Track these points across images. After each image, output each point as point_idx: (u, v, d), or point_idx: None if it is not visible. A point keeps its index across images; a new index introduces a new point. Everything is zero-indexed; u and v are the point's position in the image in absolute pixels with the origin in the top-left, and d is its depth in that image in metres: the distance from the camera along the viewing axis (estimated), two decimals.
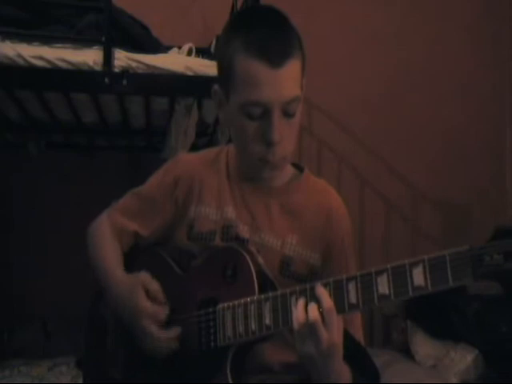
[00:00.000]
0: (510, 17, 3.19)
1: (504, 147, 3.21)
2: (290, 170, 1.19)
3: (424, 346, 2.58)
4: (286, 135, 1.03)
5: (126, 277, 1.13)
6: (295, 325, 0.91)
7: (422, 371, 2.46)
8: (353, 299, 0.89)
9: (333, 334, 0.89)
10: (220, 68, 1.08)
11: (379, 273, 0.87)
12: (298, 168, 1.21)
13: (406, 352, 2.63)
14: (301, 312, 0.90)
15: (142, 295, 1.07)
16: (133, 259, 1.21)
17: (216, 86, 1.10)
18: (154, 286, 1.08)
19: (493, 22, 3.18)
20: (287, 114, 1.02)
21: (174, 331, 1.06)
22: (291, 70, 1.00)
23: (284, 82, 0.99)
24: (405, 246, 2.98)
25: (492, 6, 3.18)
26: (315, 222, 1.13)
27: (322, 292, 0.90)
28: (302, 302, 0.91)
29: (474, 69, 3.13)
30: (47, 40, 1.83)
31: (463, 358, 2.42)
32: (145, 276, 1.10)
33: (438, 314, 2.56)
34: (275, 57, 0.98)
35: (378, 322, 2.86)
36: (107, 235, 1.22)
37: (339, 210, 1.17)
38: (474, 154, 3.14)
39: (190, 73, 1.89)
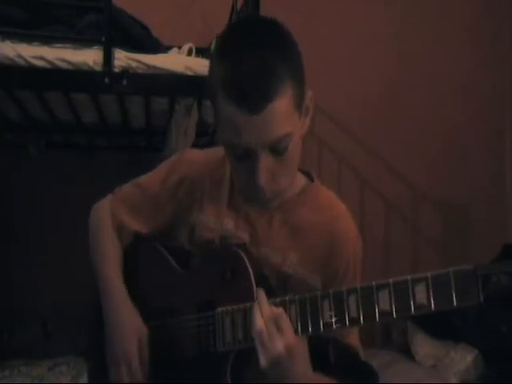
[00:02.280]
0: (510, 17, 3.19)
1: (504, 147, 3.21)
2: (299, 180, 1.12)
3: (424, 346, 2.58)
4: (278, 172, 0.96)
5: (130, 312, 1.12)
6: (259, 328, 0.91)
7: (422, 371, 2.46)
8: (353, 313, 0.88)
9: (275, 344, 0.90)
10: (208, 95, 1.01)
11: (380, 287, 0.85)
12: (308, 176, 1.15)
13: (407, 352, 2.63)
14: (265, 308, 0.92)
15: (134, 344, 1.07)
16: (134, 253, 1.20)
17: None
18: (145, 354, 1.09)
19: (493, 22, 3.18)
20: (277, 152, 0.94)
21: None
22: (275, 110, 0.90)
23: (266, 125, 0.90)
24: (405, 246, 2.99)
25: (492, 5, 3.18)
26: (318, 243, 1.07)
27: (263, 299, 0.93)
28: (256, 307, 0.93)
29: (474, 69, 3.13)
30: (47, 40, 1.83)
31: (463, 358, 2.42)
32: (145, 334, 1.10)
33: (438, 314, 2.56)
34: (254, 103, 0.88)
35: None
36: (108, 231, 1.20)
37: (346, 233, 1.09)
38: (474, 154, 3.14)
39: (190, 73, 1.89)
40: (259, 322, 0.91)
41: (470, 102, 3.12)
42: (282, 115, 0.92)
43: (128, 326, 1.09)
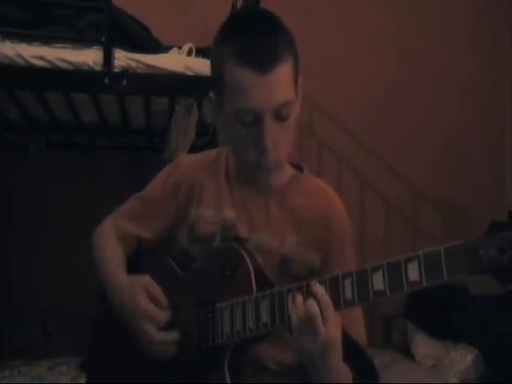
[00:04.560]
0: (510, 17, 3.19)
1: (504, 147, 3.21)
2: (289, 171, 1.19)
3: (424, 346, 2.58)
4: (279, 139, 1.03)
5: (128, 279, 1.14)
6: (293, 320, 0.91)
7: (422, 371, 2.46)
8: (348, 296, 0.89)
9: (330, 329, 0.89)
10: (212, 75, 1.08)
11: (375, 269, 0.87)
12: (298, 168, 1.21)
13: (407, 352, 2.64)
14: (299, 307, 0.91)
15: (142, 297, 1.07)
16: (135, 261, 1.21)
17: (212, 94, 1.11)
18: (156, 289, 1.09)
19: (493, 21, 3.18)
20: (280, 117, 1.01)
21: (173, 335, 1.06)
22: (280, 74, 0.99)
23: (273, 87, 0.99)
24: (405, 246, 2.98)
25: (492, 6, 3.18)
26: (314, 222, 1.13)
27: (319, 288, 0.91)
28: (299, 297, 0.92)
29: (474, 69, 3.13)
30: (47, 40, 1.83)
31: (463, 358, 2.42)
32: (147, 279, 1.10)
33: (438, 314, 2.56)
34: (262, 63, 0.97)
35: (378, 322, 2.86)
36: (110, 238, 1.22)
37: (338, 211, 1.16)
38: (474, 154, 3.14)
39: (190, 73, 1.89)
40: (315, 307, 0.90)
41: (470, 101, 3.12)
42: (286, 81, 1.01)
43: (131, 286, 1.10)
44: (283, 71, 0.99)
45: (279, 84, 0.99)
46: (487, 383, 2.38)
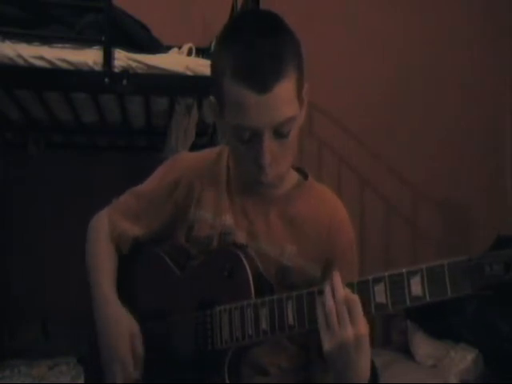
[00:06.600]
0: (510, 16, 3.19)
1: (504, 147, 3.21)
2: (293, 176, 1.16)
3: (424, 346, 2.58)
4: (279, 155, 1.00)
5: (116, 307, 1.13)
6: (328, 309, 0.87)
7: (422, 371, 2.46)
8: None
9: (361, 326, 0.87)
10: (212, 82, 1.04)
11: (376, 281, 0.86)
12: (303, 173, 1.18)
13: (406, 352, 2.64)
14: (340, 291, 0.87)
15: (126, 341, 1.08)
16: (132, 258, 1.20)
17: (212, 98, 1.07)
18: (138, 346, 1.09)
19: (493, 22, 3.18)
20: (280, 135, 0.98)
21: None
22: (281, 92, 0.94)
23: (273, 106, 0.95)
24: (405, 246, 2.99)
25: (493, 5, 3.18)
26: (316, 233, 1.10)
27: (346, 290, 0.88)
28: (329, 287, 0.89)
29: (474, 69, 3.13)
30: (47, 40, 1.84)
31: (463, 358, 2.42)
32: (135, 328, 1.10)
33: (438, 314, 2.56)
34: (262, 82, 0.93)
35: (378, 322, 2.86)
36: (104, 241, 1.21)
37: (341, 222, 1.13)
38: (474, 154, 3.14)
39: (189, 73, 1.90)
40: (330, 302, 0.87)
41: (470, 101, 3.12)
42: (288, 98, 0.97)
43: (118, 324, 1.09)
44: (285, 89, 0.95)
45: (280, 102, 0.95)
46: (487, 383, 2.38)
